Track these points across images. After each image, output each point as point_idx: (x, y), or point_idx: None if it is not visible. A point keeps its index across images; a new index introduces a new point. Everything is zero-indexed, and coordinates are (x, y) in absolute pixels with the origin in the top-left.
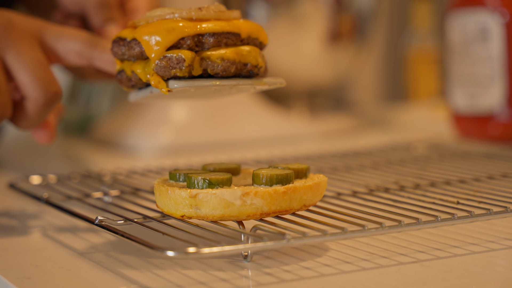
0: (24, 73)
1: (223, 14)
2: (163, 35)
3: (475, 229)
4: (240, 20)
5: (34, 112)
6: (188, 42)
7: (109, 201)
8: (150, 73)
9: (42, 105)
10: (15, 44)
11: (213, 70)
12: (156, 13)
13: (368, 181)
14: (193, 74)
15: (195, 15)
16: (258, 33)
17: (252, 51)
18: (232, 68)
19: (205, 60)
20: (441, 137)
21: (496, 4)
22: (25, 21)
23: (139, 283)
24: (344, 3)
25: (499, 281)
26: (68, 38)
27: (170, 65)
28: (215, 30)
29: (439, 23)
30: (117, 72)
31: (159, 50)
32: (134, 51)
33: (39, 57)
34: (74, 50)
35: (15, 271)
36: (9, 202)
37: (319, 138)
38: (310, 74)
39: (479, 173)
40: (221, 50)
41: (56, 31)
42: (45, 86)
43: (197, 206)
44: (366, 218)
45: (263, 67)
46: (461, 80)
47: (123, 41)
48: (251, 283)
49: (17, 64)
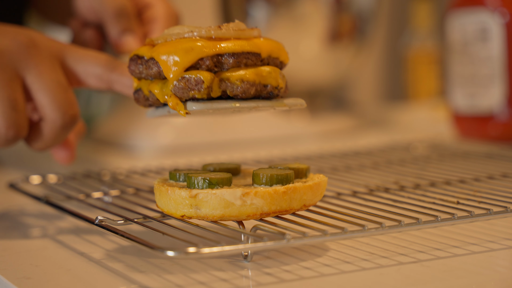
0: (43, 94)
1: (243, 32)
2: (181, 55)
3: (475, 229)
4: (260, 39)
5: (50, 134)
6: (207, 63)
7: (109, 201)
8: (168, 94)
9: (59, 127)
10: (36, 65)
11: (233, 91)
12: (175, 31)
13: (368, 181)
14: (212, 95)
15: (214, 34)
16: (278, 53)
17: (272, 72)
18: (252, 90)
19: (224, 81)
20: (441, 137)
21: (496, 4)
22: (48, 42)
23: (139, 283)
24: (344, 3)
25: (499, 281)
26: (88, 61)
27: (189, 87)
28: (234, 50)
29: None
30: (134, 90)
31: (178, 71)
32: (152, 70)
33: (60, 79)
34: (94, 73)
35: (15, 271)
36: (9, 202)
37: (319, 138)
38: (310, 74)
39: (479, 173)
40: (241, 71)
41: (78, 53)
42: (63, 109)
43: (197, 206)
44: (366, 218)
45: (283, 87)
46: (461, 80)
47: (140, 60)
48: (251, 283)
49: (37, 84)
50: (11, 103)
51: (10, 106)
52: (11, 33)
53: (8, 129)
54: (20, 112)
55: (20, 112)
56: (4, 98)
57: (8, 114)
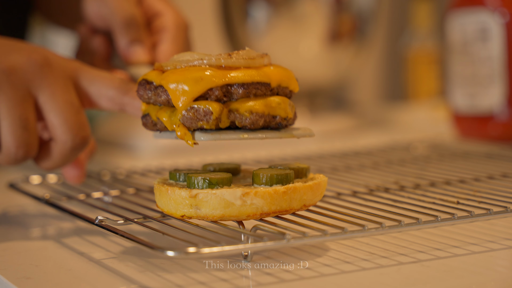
0: (55, 115)
1: (253, 61)
2: (191, 84)
3: (475, 229)
4: (270, 68)
5: (59, 155)
6: (217, 93)
7: (109, 201)
8: (176, 123)
9: (69, 149)
10: (49, 84)
11: (241, 123)
12: (185, 57)
13: (368, 181)
14: (220, 126)
15: (224, 62)
16: (288, 82)
17: (282, 103)
18: (261, 121)
19: (233, 112)
20: (441, 137)
21: (496, 4)
22: (62, 61)
23: (139, 283)
24: (344, 3)
25: (499, 281)
26: (101, 83)
27: (197, 117)
28: (244, 81)
29: (439, 23)
30: (142, 115)
31: (186, 101)
32: (161, 98)
33: (73, 100)
34: (107, 95)
35: (15, 271)
36: (9, 202)
37: (319, 138)
38: (310, 74)
39: (479, 173)
40: (250, 102)
41: (91, 74)
42: (74, 131)
43: (197, 206)
44: (366, 218)
45: (292, 117)
46: (461, 80)
47: (149, 85)
48: (251, 283)
49: (49, 104)
50: (23, 122)
51: (21, 126)
52: (25, 51)
53: (18, 148)
54: (31, 131)
55: (30, 132)
56: (15, 117)
57: (18, 133)
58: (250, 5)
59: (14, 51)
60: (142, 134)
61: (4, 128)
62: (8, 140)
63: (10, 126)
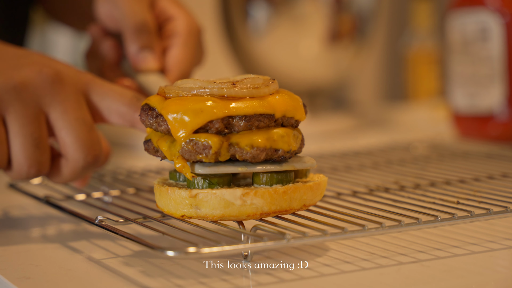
0: (67, 133)
1: (258, 91)
2: (191, 116)
3: (475, 229)
4: (275, 97)
5: (71, 172)
6: (217, 125)
7: (109, 201)
8: (175, 155)
9: (80, 167)
10: (61, 101)
11: (242, 156)
12: (187, 84)
13: (368, 181)
14: (220, 160)
15: (227, 92)
16: (294, 112)
17: (285, 136)
18: (262, 155)
19: (233, 146)
20: (441, 137)
21: (496, 4)
22: (74, 74)
23: (139, 283)
24: (344, 3)
25: (499, 281)
26: (113, 98)
27: (196, 150)
28: (246, 113)
29: (439, 23)
30: (144, 140)
31: (186, 133)
32: (161, 127)
33: (85, 118)
34: (118, 111)
35: (15, 271)
36: (9, 202)
37: (319, 138)
38: (310, 74)
39: (479, 173)
40: (251, 135)
41: (103, 88)
42: (86, 149)
43: (197, 206)
44: (366, 218)
45: (296, 149)
46: (461, 80)
47: (151, 111)
48: (251, 283)
49: (61, 122)
50: (35, 141)
51: (34, 144)
52: (36, 65)
53: (30, 167)
54: (43, 150)
55: (42, 150)
56: (27, 135)
57: (31, 152)
58: (250, 5)
59: (25, 65)
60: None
61: (16, 147)
62: (20, 158)
63: (22, 145)
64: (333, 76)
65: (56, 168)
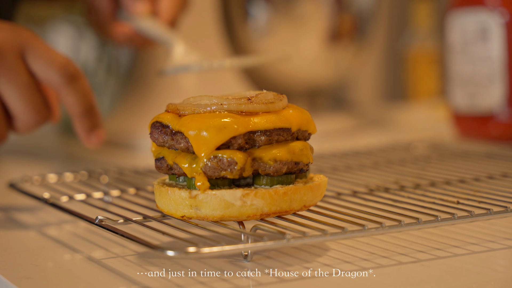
0: (16, 100)
1: (273, 105)
2: (213, 133)
3: (475, 229)
4: (289, 111)
5: (25, 130)
6: (239, 141)
7: (109, 201)
8: (197, 171)
9: (33, 126)
10: (3, 72)
11: (265, 171)
12: (202, 101)
13: (368, 181)
14: (244, 175)
15: (245, 108)
16: (307, 125)
17: (304, 149)
18: (284, 169)
19: (257, 161)
20: (441, 137)
21: (496, 4)
22: (11, 39)
23: (139, 283)
24: (344, 3)
25: (499, 281)
26: (44, 63)
27: (221, 167)
28: (267, 127)
29: (439, 23)
30: (156, 158)
31: (209, 150)
32: (180, 145)
33: (29, 82)
34: (47, 76)
35: (15, 271)
36: (9, 202)
37: (319, 138)
38: (310, 74)
39: (479, 173)
40: (273, 150)
41: (38, 51)
42: (35, 112)
43: (197, 207)
44: (366, 218)
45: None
46: (461, 80)
47: (165, 129)
48: (251, 283)
49: (8, 92)
50: None
51: None
52: None
53: None
54: None
55: None
56: None
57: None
58: (250, 5)
59: None
60: (142, 134)
61: None
62: None
63: None
64: (333, 76)
65: (13, 126)
